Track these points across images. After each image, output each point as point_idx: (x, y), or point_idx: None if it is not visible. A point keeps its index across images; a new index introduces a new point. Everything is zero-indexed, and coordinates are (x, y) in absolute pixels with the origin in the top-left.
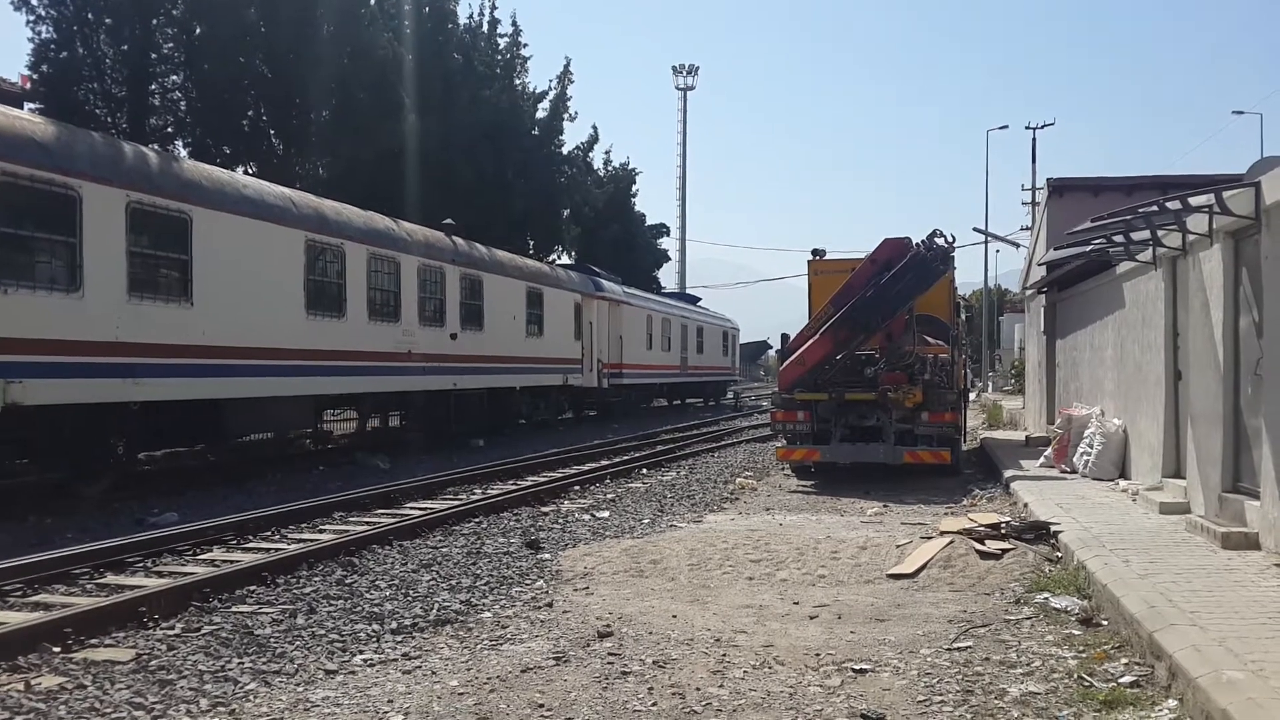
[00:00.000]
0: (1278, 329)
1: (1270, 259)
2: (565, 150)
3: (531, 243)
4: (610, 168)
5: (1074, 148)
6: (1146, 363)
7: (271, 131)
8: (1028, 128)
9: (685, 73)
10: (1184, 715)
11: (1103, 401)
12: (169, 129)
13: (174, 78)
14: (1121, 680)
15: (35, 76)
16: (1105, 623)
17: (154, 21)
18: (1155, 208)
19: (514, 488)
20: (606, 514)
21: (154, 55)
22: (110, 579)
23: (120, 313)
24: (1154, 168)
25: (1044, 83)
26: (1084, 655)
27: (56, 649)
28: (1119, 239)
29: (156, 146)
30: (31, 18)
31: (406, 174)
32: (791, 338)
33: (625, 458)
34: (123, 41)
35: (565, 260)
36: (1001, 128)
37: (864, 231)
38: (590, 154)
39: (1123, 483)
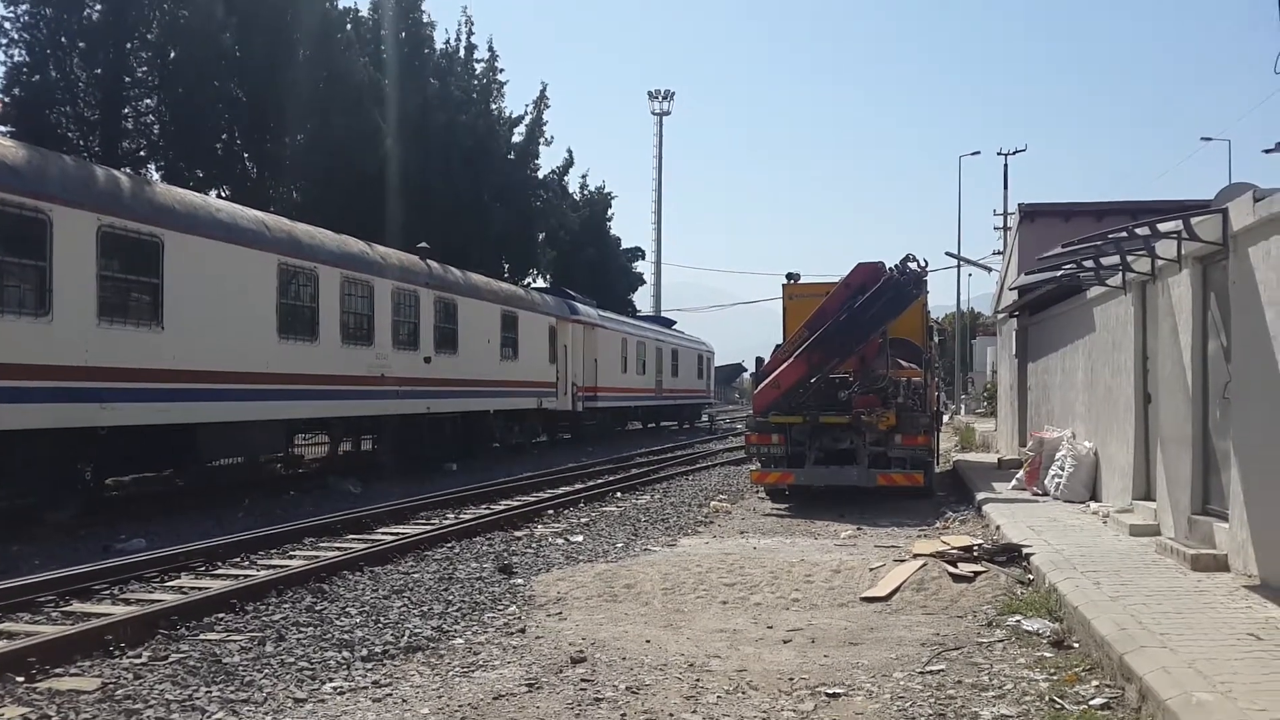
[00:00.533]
0: (1245, 353)
1: (1237, 284)
2: (541, 174)
3: (507, 266)
4: (586, 191)
5: (1046, 173)
6: (1117, 386)
7: (245, 155)
8: (999, 153)
9: (661, 98)
10: None
11: (1074, 424)
12: (142, 152)
13: (147, 101)
14: (1093, 702)
15: (7, 100)
16: (1076, 645)
17: (128, 45)
18: (1125, 233)
19: (487, 512)
20: (580, 538)
21: (128, 79)
22: (76, 606)
23: (90, 337)
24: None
25: (1017, 108)
26: (1055, 678)
27: (20, 679)
28: (1089, 264)
29: (129, 170)
30: (4, 40)
31: (383, 198)
32: (766, 361)
33: (599, 481)
34: (96, 65)
35: (541, 284)
36: (974, 153)
37: (838, 255)
38: (566, 177)
39: (1093, 505)
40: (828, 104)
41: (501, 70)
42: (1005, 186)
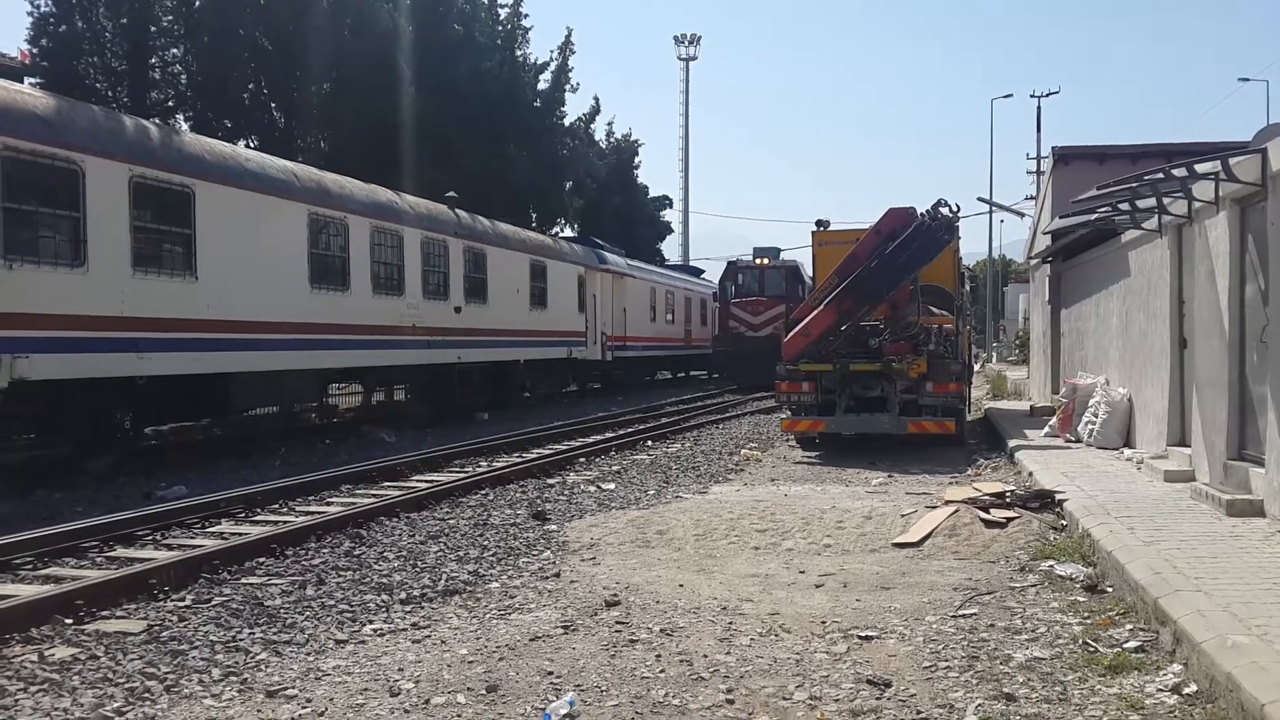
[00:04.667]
0: None
1: (1276, 225)
2: (567, 122)
3: (534, 215)
4: (612, 139)
5: (1079, 116)
6: (1152, 331)
7: (272, 105)
8: (1033, 96)
9: (687, 43)
10: (1188, 680)
11: (1108, 370)
12: (170, 103)
13: (174, 51)
14: (1126, 646)
15: (35, 51)
16: (1110, 590)
17: None
18: (1161, 175)
19: (519, 460)
20: (612, 485)
21: (153, 28)
22: (120, 552)
23: (125, 287)
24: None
25: (1050, 50)
26: (1089, 621)
27: (69, 621)
28: (1124, 207)
29: (158, 120)
30: None
31: (408, 147)
32: (796, 309)
33: (630, 430)
34: (122, 15)
35: (568, 233)
36: (1006, 96)
37: (868, 202)
38: (592, 125)
39: (1127, 451)
40: (856, 48)
41: (526, 16)
42: (1038, 130)
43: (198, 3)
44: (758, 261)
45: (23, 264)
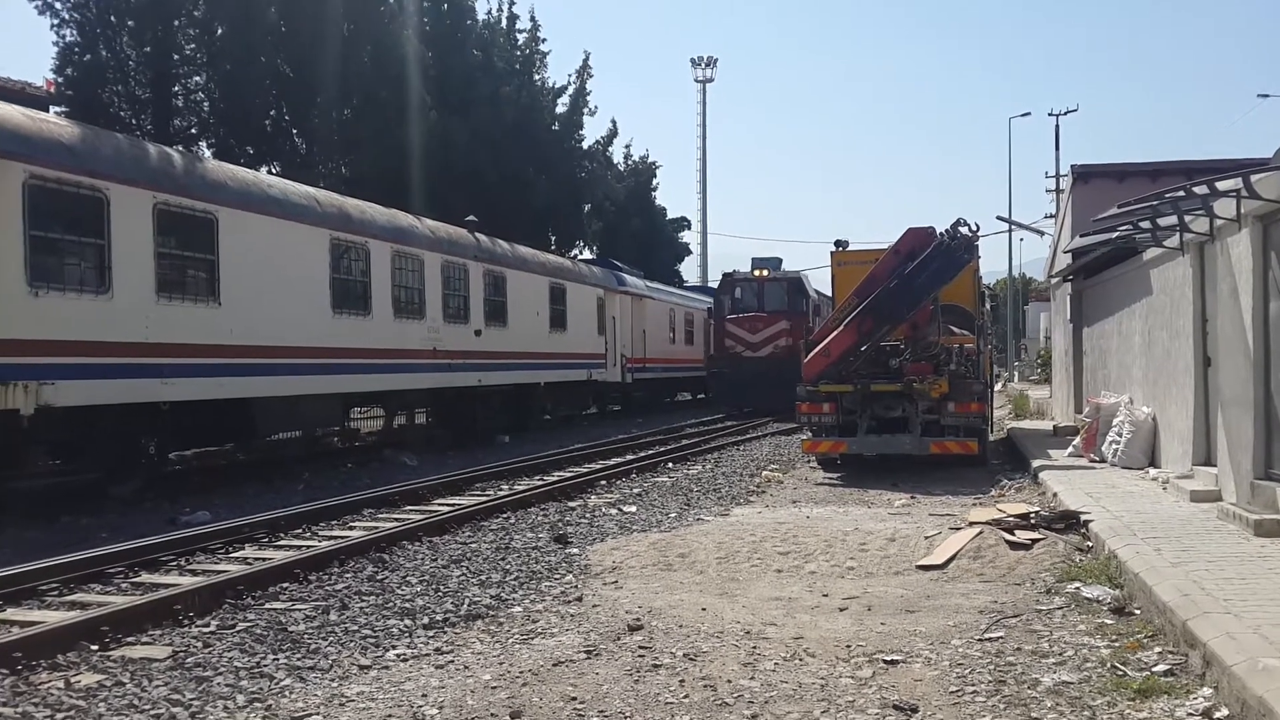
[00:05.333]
0: None
1: None
2: (585, 145)
3: (553, 238)
4: (630, 161)
5: (1098, 134)
6: (1175, 349)
7: (294, 131)
8: (1050, 114)
9: (704, 65)
10: (1219, 703)
11: (1131, 389)
12: (193, 130)
13: (196, 79)
14: (1155, 669)
15: (60, 80)
16: (1138, 612)
17: (175, 22)
18: (1182, 193)
19: (540, 483)
20: (633, 508)
21: (176, 56)
22: (145, 578)
23: (149, 313)
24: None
25: (1068, 69)
26: (1117, 644)
27: (94, 647)
28: (1145, 225)
29: (181, 148)
30: (56, 21)
31: (428, 171)
32: (815, 330)
33: (650, 452)
34: (145, 43)
35: (587, 255)
36: (1024, 115)
37: (886, 223)
38: (610, 148)
39: (1153, 471)
40: (873, 70)
41: (544, 40)
42: (1057, 148)
43: (219, 31)
44: (756, 273)
45: (49, 291)
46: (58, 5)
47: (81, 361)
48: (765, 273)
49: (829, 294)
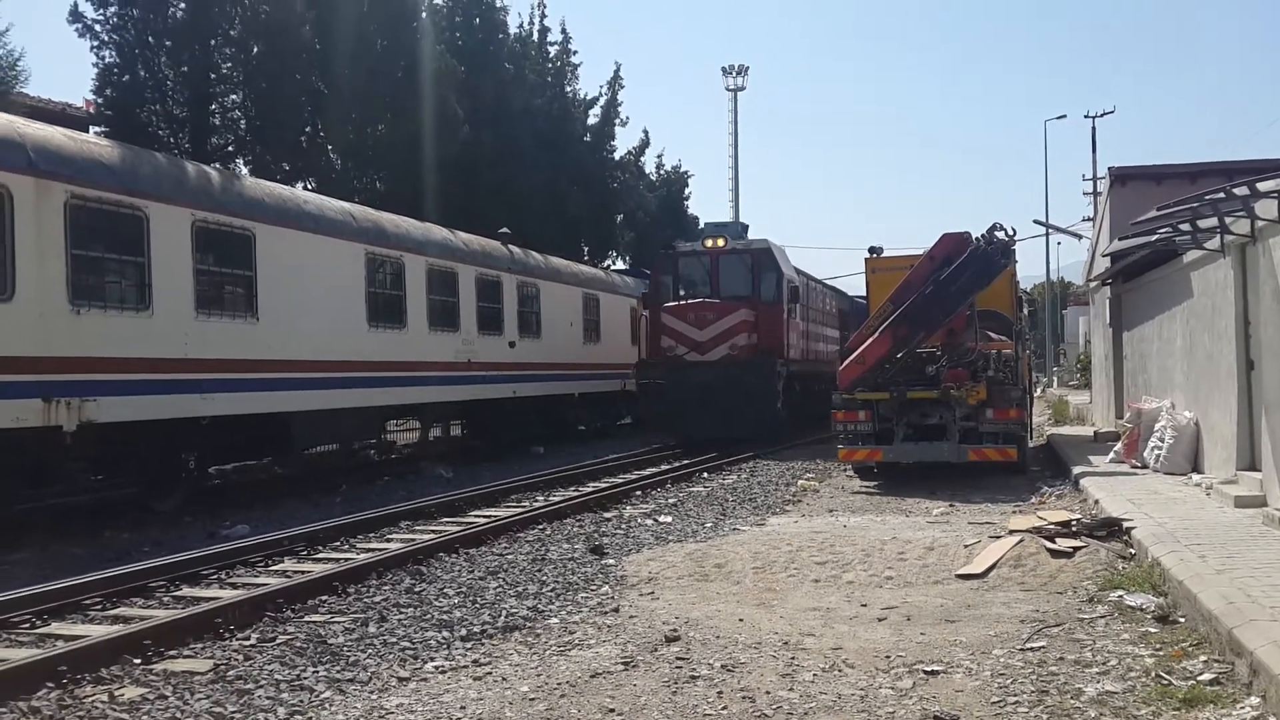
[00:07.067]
0: None
1: None
2: (617, 156)
3: (586, 249)
4: (662, 171)
5: (1136, 137)
6: (1217, 353)
7: (329, 147)
8: (1087, 116)
9: (735, 73)
10: (1267, 713)
11: (1172, 394)
12: (230, 147)
13: (233, 97)
14: (1201, 678)
15: (100, 101)
16: (1182, 620)
17: (212, 42)
18: (1222, 194)
19: (576, 494)
20: (669, 518)
21: (213, 75)
22: (186, 591)
23: (188, 329)
24: (1219, 154)
25: (1104, 71)
26: (1161, 653)
27: (137, 660)
28: (1185, 227)
29: (218, 165)
30: (96, 43)
31: (461, 184)
32: (850, 336)
33: (685, 462)
34: (183, 63)
35: (620, 265)
36: (1060, 117)
37: (921, 228)
38: (642, 158)
39: (1196, 477)
40: (905, 74)
41: (575, 53)
42: (1094, 150)
43: (255, 50)
44: (707, 244)
45: (90, 309)
46: (97, 28)
47: (122, 378)
48: (721, 242)
49: (835, 287)
